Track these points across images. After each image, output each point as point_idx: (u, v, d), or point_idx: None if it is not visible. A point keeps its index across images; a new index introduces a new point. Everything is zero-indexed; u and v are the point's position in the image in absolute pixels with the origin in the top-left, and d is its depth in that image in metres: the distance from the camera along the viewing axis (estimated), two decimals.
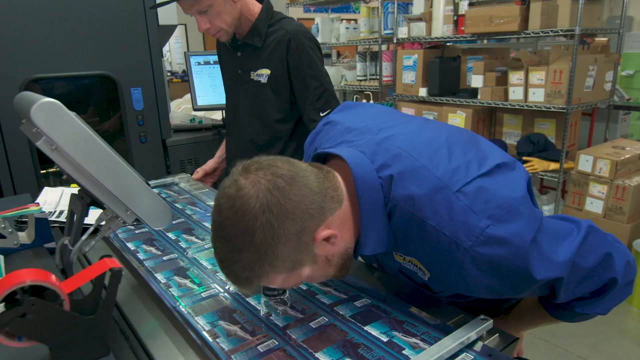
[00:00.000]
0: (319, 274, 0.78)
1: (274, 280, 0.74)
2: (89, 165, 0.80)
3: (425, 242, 0.75)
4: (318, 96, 1.52)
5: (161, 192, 1.62)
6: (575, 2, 2.78)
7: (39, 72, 2.13)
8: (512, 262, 0.69)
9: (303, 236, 0.70)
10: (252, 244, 0.68)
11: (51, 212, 1.35)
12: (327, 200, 0.73)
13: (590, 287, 0.80)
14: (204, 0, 1.41)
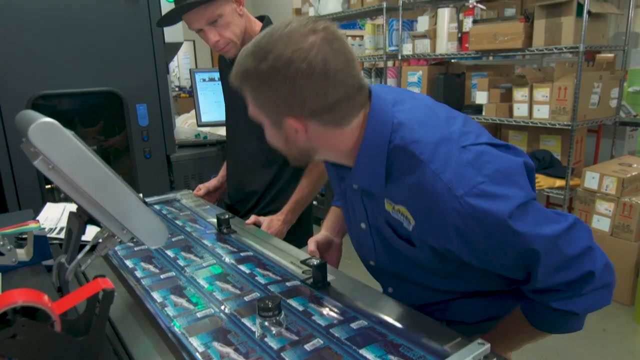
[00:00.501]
0: (277, 142, 0.87)
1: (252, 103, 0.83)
2: (85, 185, 0.80)
3: (418, 187, 0.78)
4: None
5: (162, 209, 1.62)
6: (579, 19, 2.78)
7: (45, 88, 2.16)
8: (496, 218, 0.73)
9: (288, 107, 0.78)
10: (272, 64, 0.75)
11: (52, 228, 1.36)
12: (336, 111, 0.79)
13: (567, 276, 0.79)
14: (214, 9, 1.40)
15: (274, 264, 1.14)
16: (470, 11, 3.32)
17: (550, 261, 0.78)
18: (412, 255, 0.91)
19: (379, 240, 0.98)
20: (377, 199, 0.89)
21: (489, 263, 0.82)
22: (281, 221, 1.53)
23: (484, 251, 0.79)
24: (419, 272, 0.96)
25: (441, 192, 0.75)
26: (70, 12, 2.14)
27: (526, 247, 0.76)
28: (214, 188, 1.85)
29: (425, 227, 0.81)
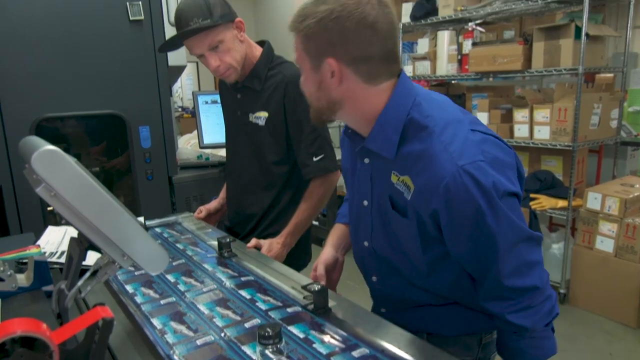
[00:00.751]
0: (310, 86, 0.95)
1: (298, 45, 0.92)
2: (87, 212, 0.80)
3: (425, 154, 0.87)
4: (312, 141, 1.53)
5: (164, 232, 1.62)
6: (578, 41, 2.82)
7: (50, 111, 2.18)
8: (482, 189, 0.83)
9: (333, 48, 0.87)
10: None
11: (52, 252, 1.36)
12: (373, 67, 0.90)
13: (518, 282, 0.89)
14: (215, 35, 1.42)
15: (274, 289, 1.14)
16: (469, 34, 3.37)
17: (507, 261, 0.87)
18: (402, 233, 0.98)
19: (377, 217, 1.04)
20: (384, 172, 0.97)
21: (456, 242, 0.90)
22: (280, 244, 1.53)
23: (458, 223, 0.87)
24: (405, 262, 1.02)
25: (444, 159, 0.85)
26: (75, 35, 2.17)
27: (492, 234, 0.85)
28: (215, 210, 1.85)
29: (422, 191, 0.89)
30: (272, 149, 1.57)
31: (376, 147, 0.95)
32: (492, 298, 0.93)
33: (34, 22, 2.07)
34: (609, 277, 2.84)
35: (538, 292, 0.91)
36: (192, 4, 1.41)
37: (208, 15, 1.40)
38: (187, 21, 1.40)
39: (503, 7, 3.15)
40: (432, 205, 0.87)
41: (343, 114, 0.97)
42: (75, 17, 2.16)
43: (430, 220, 0.90)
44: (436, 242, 0.94)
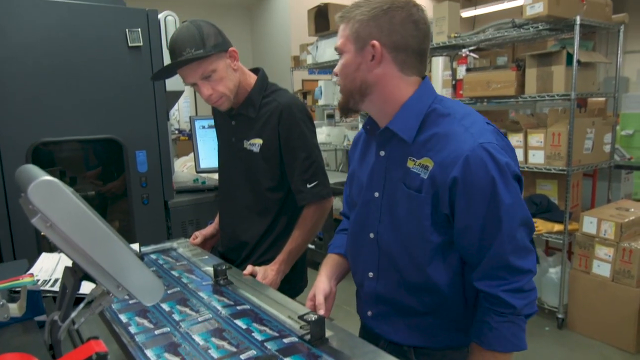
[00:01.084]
0: (348, 69, 1.04)
1: (344, 31, 1.03)
2: (83, 243, 0.80)
3: (447, 134, 0.99)
4: (306, 168, 1.54)
5: (159, 258, 1.60)
6: (570, 68, 2.87)
7: (46, 136, 2.18)
8: (497, 165, 0.95)
9: (380, 33, 1.00)
10: None
11: (46, 280, 1.34)
12: (409, 59, 1.03)
13: (516, 261, 0.98)
14: (207, 64, 1.44)
15: (271, 318, 1.12)
16: (463, 60, 3.43)
17: (511, 239, 0.97)
18: (412, 216, 1.04)
19: (387, 207, 1.10)
20: (399, 160, 1.07)
21: (467, 214, 0.98)
22: (275, 271, 1.52)
23: (473, 192, 0.96)
24: (406, 254, 1.08)
25: (466, 137, 0.97)
26: (74, 61, 2.19)
27: (503, 207, 0.95)
28: (211, 235, 1.84)
29: (443, 163, 0.98)
30: (267, 175, 1.57)
31: (397, 128, 1.04)
32: (488, 277, 1.00)
33: (33, 49, 2.09)
34: (607, 302, 2.82)
35: (530, 277, 1.00)
36: (186, 33, 1.43)
37: (201, 46, 1.41)
38: (180, 51, 1.42)
39: (496, 34, 3.21)
40: (452, 174, 0.96)
41: (370, 100, 1.06)
42: (74, 44, 2.18)
43: (446, 193, 0.98)
44: (444, 224, 1.02)
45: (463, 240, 1.02)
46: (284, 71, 8.25)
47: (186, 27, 1.46)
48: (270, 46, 8.72)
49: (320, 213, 1.59)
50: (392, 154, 1.09)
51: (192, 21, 1.48)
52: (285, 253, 1.55)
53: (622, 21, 3.07)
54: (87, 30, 2.21)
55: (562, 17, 2.81)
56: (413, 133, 1.03)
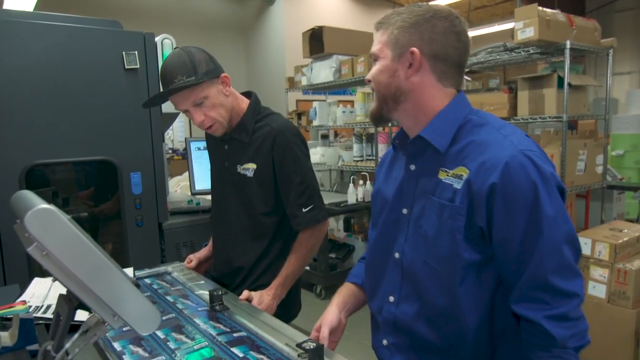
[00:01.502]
0: (383, 75, 1.01)
1: (382, 37, 1.02)
2: (79, 272, 0.78)
3: (485, 142, 0.94)
4: (301, 192, 1.53)
5: (153, 283, 1.58)
6: (561, 91, 2.91)
7: (40, 158, 2.17)
8: (540, 173, 0.88)
9: (420, 41, 0.98)
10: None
11: (38, 306, 1.31)
12: (448, 69, 1.01)
13: (559, 282, 0.87)
14: (199, 91, 1.44)
15: (268, 345, 1.11)
16: None
17: (553, 256, 0.87)
18: (444, 230, 0.96)
19: (414, 224, 1.04)
20: (431, 173, 1.01)
21: (506, 225, 0.89)
22: (271, 296, 1.50)
23: (514, 201, 0.88)
24: (434, 276, 0.99)
25: (505, 144, 0.92)
26: (70, 83, 2.19)
27: (546, 220, 0.86)
28: (205, 258, 1.82)
29: (480, 170, 0.92)
30: (262, 200, 1.56)
31: (430, 137, 1.00)
32: (527, 299, 0.89)
33: (29, 71, 2.10)
34: (603, 324, 2.81)
35: (577, 302, 0.88)
36: (177, 61, 1.43)
37: (192, 73, 1.41)
38: (171, 78, 1.42)
39: (488, 58, 3.27)
40: (490, 180, 0.89)
41: (404, 109, 1.03)
42: (71, 66, 2.19)
43: (483, 202, 0.91)
44: (478, 240, 0.94)
45: (500, 256, 0.92)
46: (278, 92, 8.32)
47: (177, 53, 1.45)
48: (265, 67, 8.80)
49: (316, 237, 1.58)
50: (423, 166, 1.04)
51: (183, 48, 1.48)
52: (281, 277, 1.53)
53: (611, 45, 3.14)
54: (83, 53, 2.22)
55: (553, 42, 2.87)
56: (447, 142, 0.99)
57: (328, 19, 7.73)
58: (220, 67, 1.51)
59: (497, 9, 10.40)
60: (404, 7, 1.02)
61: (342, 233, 4.73)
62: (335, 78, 4.50)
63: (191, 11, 8.41)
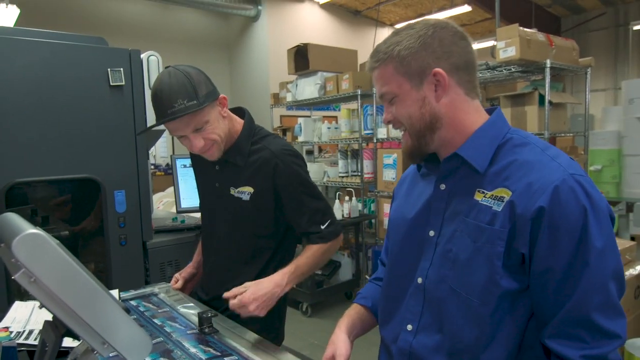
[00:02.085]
0: (412, 108, 0.94)
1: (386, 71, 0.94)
2: (69, 299, 0.76)
3: (530, 163, 0.87)
4: (315, 211, 1.48)
5: (139, 305, 1.54)
6: (542, 108, 2.98)
7: (21, 176, 2.12)
8: (592, 201, 0.81)
9: (437, 59, 0.92)
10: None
11: (19, 332, 1.27)
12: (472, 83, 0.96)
13: (600, 320, 0.81)
14: (201, 116, 1.34)
15: None
16: None
17: (598, 292, 0.81)
18: (479, 255, 0.89)
19: (442, 248, 0.96)
20: (465, 193, 0.94)
21: (550, 253, 0.83)
22: (273, 283, 1.34)
23: (561, 229, 0.81)
24: (461, 304, 0.92)
25: (553, 166, 0.85)
26: (53, 99, 2.15)
27: (594, 252, 0.80)
28: (191, 276, 1.76)
29: (526, 191, 0.85)
30: (260, 223, 1.51)
31: (467, 155, 0.93)
32: (565, 336, 0.83)
33: (11, 88, 2.05)
34: None
35: (617, 345, 0.82)
36: (176, 83, 1.31)
37: (194, 96, 1.31)
38: (170, 102, 1.29)
39: None
40: (537, 203, 0.83)
41: (440, 136, 0.95)
42: (54, 83, 2.16)
43: (527, 226, 0.83)
44: (518, 268, 0.87)
45: (539, 287, 0.85)
46: (262, 107, 8.32)
47: (174, 74, 1.33)
48: (249, 83, 8.82)
49: (335, 248, 1.53)
50: (455, 186, 0.96)
51: (177, 67, 1.36)
52: (293, 265, 1.42)
53: (589, 64, 3.24)
54: (68, 69, 2.19)
55: (533, 61, 2.94)
56: (486, 162, 0.91)
57: (311, 36, 7.82)
58: (215, 87, 1.43)
59: (476, 27, 10.67)
60: (396, 35, 0.95)
61: None
62: (320, 94, 4.53)
63: (175, 27, 8.42)
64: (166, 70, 1.36)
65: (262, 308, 1.31)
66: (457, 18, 9.42)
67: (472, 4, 8.35)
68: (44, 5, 6.73)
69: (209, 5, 7.86)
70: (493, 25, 7.89)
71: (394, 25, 10.58)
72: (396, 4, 9.37)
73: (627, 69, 9.20)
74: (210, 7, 7.96)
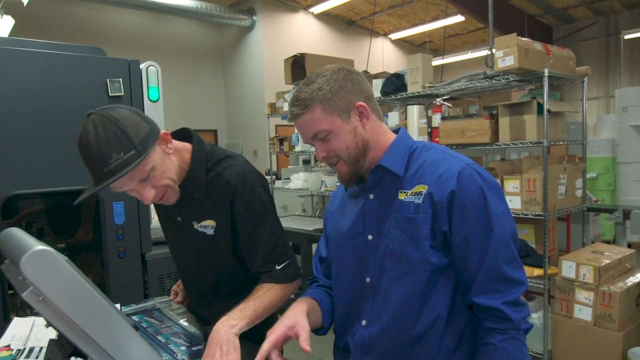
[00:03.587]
0: (347, 140, 1.09)
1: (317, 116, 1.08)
2: (78, 317, 0.73)
3: (436, 161, 1.09)
4: (272, 248, 1.31)
5: (142, 320, 1.51)
6: (540, 117, 2.99)
7: (18, 188, 2.09)
8: (486, 181, 1.05)
9: (356, 95, 1.10)
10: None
11: (20, 350, 1.23)
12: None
13: (511, 272, 1.04)
14: (144, 165, 1.14)
15: None
16: (437, 108, 3.53)
17: (503, 249, 1.03)
18: (410, 241, 1.07)
19: (382, 248, 1.12)
20: (390, 198, 1.12)
21: (464, 226, 1.03)
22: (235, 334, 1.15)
23: (468, 204, 1.03)
24: (403, 288, 1.08)
25: (454, 160, 1.08)
26: (51, 111, 2.13)
27: (494, 215, 1.03)
28: None
29: (439, 181, 1.06)
30: (226, 255, 1.37)
31: (388, 164, 1.11)
32: (485, 291, 1.04)
33: (9, 99, 2.03)
34: (590, 347, 2.83)
35: (523, 289, 1.05)
36: (104, 135, 1.08)
37: (130, 146, 1.09)
38: (104, 160, 1.08)
39: (468, 85, 3.34)
40: (449, 188, 1.04)
41: (369, 156, 1.13)
42: (53, 94, 2.14)
43: (444, 208, 1.04)
44: (442, 245, 1.06)
45: (460, 255, 1.06)
46: (257, 117, 8.32)
47: (100, 125, 1.10)
48: (244, 93, 8.82)
49: (290, 291, 1.34)
50: (382, 194, 1.14)
51: (101, 115, 1.12)
52: (247, 310, 1.21)
53: (586, 73, 3.26)
54: (66, 80, 2.17)
55: (531, 70, 2.95)
56: (403, 167, 1.11)
57: (306, 46, 7.85)
58: (154, 122, 1.20)
59: (469, 37, 10.77)
60: (312, 83, 1.08)
61: None
62: None
63: (170, 37, 8.42)
64: (89, 119, 1.13)
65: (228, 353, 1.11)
66: (450, 28, 9.52)
67: (465, 14, 8.43)
68: (39, 16, 6.71)
69: (204, 16, 7.88)
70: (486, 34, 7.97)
71: (387, 35, 10.66)
72: (390, 14, 9.44)
73: (619, 78, 9.31)
74: (206, 18, 7.97)
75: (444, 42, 7.92)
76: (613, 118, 6.46)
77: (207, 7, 7.78)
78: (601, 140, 6.31)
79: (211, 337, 1.12)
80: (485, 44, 2.82)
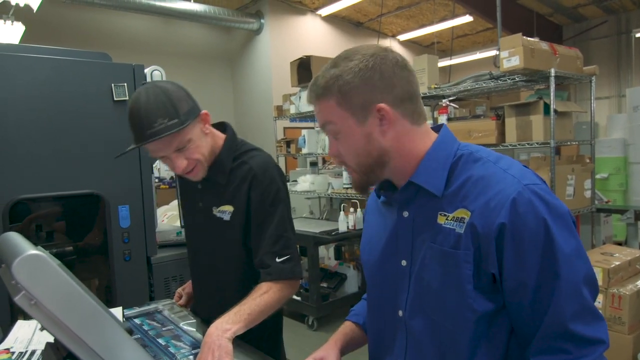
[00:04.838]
0: (357, 145, 0.90)
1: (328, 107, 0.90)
2: (71, 322, 0.74)
3: (484, 179, 0.85)
4: (275, 239, 1.33)
5: (144, 323, 1.52)
6: (547, 117, 2.96)
7: (24, 192, 2.11)
8: (553, 210, 0.80)
9: (379, 93, 0.87)
10: None
11: (22, 352, 1.24)
12: (415, 110, 0.91)
13: (581, 328, 0.80)
14: (183, 135, 1.26)
15: None
16: (444, 109, 3.52)
17: (571, 300, 0.79)
18: (450, 282, 0.87)
19: (417, 277, 0.93)
20: (428, 218, 0.91)
21: (518, 269, 0.81)
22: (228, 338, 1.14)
23: (525, 241, 0.80)
24: (443, 334, 0.89)
25: (508, 179, 0.83)
26: (57, 115, 2.15)
27: (560, 257, 0.79)
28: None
29: (485, 209, 0.83)
30: (239, 249, 1.40)
31: (422, 181, 0.90)
32: (549, 350, 0.81)
33: (16, 104, 2.06)
34: None
35: (602, 350, 0.80)
36: (154, 101, 1.23)
37: (174, 114, 1.23)
38: (149, 122, 1.21)
39: (474, 86, 3.32)
40: (498, 220, 0.81)
41: (390, 168, 0.93)
42: (58, 99, 2.16)
43: (492, 245, 0.82)
44: (490, 288, 0.85)
45: (515, 304, 0.84)
46: (265, 120, 8.35)
47: (152, 92, 1.24)
48: (252, 96, 8.85)
49: (290, 291, 1.33)
50: (418, 212, 0.93)
51: (154, 84, 1.28)
52: (241, 314, 1.20)
53: (594, 73, 3.22)
54: (72, 85, 2.19)
55: (537, 70, 2.93)
56: (442, 184, 0.89)
57: (314, 48, 7.86)
58: (198, 104, 1.34)
59: (478, 37, 10.71)
60: (335, 67, 0.89)
61: (333, 262, 4.67)
62: None
63: (178, 42, 8.48)
64: (143, 87, 1.28)
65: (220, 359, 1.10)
66: (459, 28, 9.47)
67: (473, 14, 8.38)
68: (48, 22, 6.81)
69: (212, 20, 7.93)
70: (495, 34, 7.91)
71: (395, 37, 10.64)
72: (398, 16, 9.42)
73: (631, 77, 9.18)
74: (213, 21, 8.02)
75: (451, 42, 7.88)
76: (624, 117, 6.37)
77: (215, 11, 7.83)
78: (612, 140, 6.22)
79: (204, 342, 1.13)
80: (494, 44, 2.80)
